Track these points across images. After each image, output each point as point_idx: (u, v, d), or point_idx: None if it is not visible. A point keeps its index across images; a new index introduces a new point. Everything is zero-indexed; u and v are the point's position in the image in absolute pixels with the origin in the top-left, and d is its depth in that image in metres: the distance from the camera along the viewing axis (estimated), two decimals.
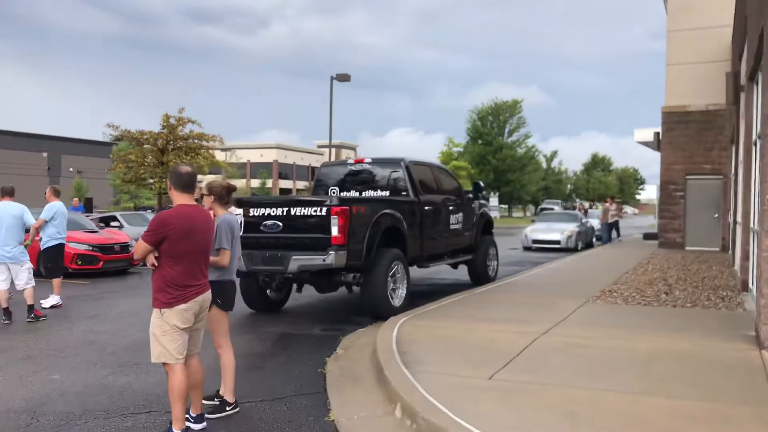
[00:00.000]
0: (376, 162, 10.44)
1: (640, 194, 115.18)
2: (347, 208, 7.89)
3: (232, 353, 4.93)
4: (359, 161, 10.47)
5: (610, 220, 23.70)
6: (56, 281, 9.68)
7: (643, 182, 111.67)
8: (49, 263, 9.81)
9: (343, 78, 31.09)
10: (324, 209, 7.88)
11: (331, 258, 7.73)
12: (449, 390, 4.83)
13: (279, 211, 8.18)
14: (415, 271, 13.19)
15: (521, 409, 4.39)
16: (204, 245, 4.31)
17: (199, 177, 36.26)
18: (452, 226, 10.92)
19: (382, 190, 10.05)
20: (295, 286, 9.35)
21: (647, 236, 24.53)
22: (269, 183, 77.27)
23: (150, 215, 19.93)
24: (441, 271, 13.63)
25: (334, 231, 7.80)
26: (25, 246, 8.92)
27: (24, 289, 8.66)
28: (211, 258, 4.75)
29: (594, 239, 24.34)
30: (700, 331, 6.82)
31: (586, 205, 62.94)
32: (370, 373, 5.80)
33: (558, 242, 21.37)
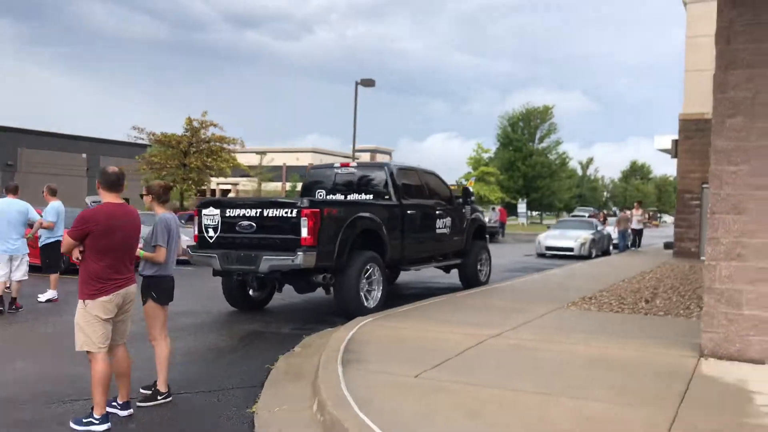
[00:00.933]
0: (362, 166, 10.68)
1: None
2: (318, 210, 8.12)
3: (165, 346, 5.17)
4: (345, 165, 10.70)
5: (637, 226, 23.35)
6: (53, 276, 10.15)
7: None
8: (47, 259, 10.29)
9: (368, 83, 31.42)
10: (295, 211, 8.12)
11: (300, 258, 7.96)
12: (372, 386, 4.99)
13: (254, 212, 8.45)
14: (411, 275, 13.40)
15: (428, 405, 4.53)
16: (128, 241, 4.58)
17: (222, 179, 37.05)
18: (439, 231, 11.04)
19: (366, 194, 10.25)
20: (277, 285, 9.59)
21: (667, 245, 24.10)
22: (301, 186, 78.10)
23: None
24: (437, 276, 13.73)
25: (304, 232, 8.03)
26: (26, 239, 9.43)
27: (18, 281, 9.14)
28: (147, 254, 5.04)
29: (611, 247, 24.04)
30: (654, 338, 6.81)
31: (628, 212, 61.73)
32: (314, 370, 5.98)
33: (571, 249, 21.20)
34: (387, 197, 10.00)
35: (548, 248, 21.80)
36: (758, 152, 5.89)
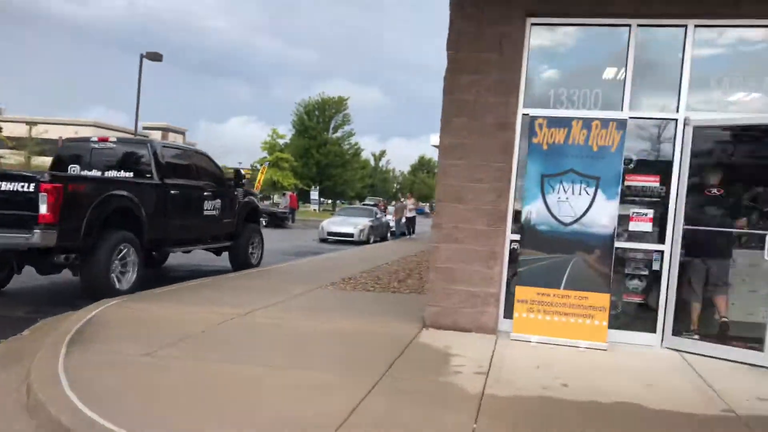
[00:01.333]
0: (122, 142, 10.14)
1: None
2: (60, 185, 7.56)
3: None
4: (103, 140, 10.06)
5: (409, 215, 25.02)
6: None
7: None
8: None
9: (155, 57, 29.58)
10: (32, 185, 7.47)
11: (36, 237, 7.35)
12: (95, 367, 4.83)
13: None
14: (182, 257, 13.06)
15: (149, 382, 4.51)
16: None
17: None
18: (207, 212, 10.89)
19: (126, 171, 9.74)
20: (15, 266, 8.74)
21: None
22: None
23: None
24: (209, 258, 13.50)
25: (43, 209, 7.43)
26: None
27: None
28: None
29: (389, 234, 25.57)
30: (391, 314, 7.43)
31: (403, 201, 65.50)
32: (36, 353, 5.60)
33: (351, 235, 22.17)
34: (149, 176, 9.62)
35: (330, 233, 22.58)
36: (476, 148, 6.68)
